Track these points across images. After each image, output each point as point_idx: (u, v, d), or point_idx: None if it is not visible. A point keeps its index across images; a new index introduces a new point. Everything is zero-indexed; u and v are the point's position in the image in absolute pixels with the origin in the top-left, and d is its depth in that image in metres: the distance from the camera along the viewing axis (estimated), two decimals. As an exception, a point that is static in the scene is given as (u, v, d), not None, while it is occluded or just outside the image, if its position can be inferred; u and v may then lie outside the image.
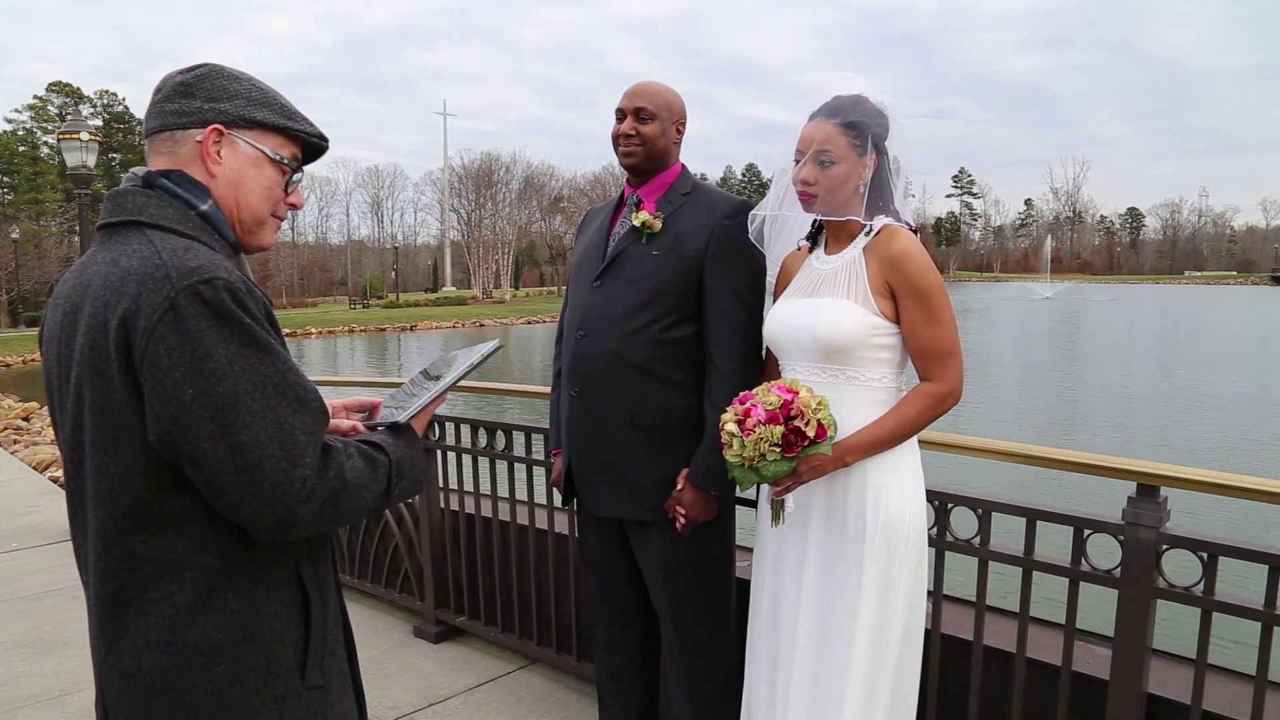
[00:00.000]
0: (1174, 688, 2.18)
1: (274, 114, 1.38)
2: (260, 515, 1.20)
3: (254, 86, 1.38)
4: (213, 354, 1.17)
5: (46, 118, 65.41)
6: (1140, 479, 2.07)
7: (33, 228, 54.08)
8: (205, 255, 1.23)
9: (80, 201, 8.43)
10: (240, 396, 1.18)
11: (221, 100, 1.34)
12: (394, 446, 1.40)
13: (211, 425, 1.16)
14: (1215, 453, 13.07)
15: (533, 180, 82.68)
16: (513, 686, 3.58)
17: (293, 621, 1.33)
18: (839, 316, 2.01)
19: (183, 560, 1.23)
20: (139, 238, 1.25)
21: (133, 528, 1.23)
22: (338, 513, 1.26)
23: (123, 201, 1.30)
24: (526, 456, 3.48)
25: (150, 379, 1.17)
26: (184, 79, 1.35)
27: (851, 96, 2.05)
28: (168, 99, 1.34)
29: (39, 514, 6.54)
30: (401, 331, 49.13)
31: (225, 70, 1.37)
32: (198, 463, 1.18)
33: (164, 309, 1.16)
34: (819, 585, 2.07)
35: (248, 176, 1.37)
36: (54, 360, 1.31)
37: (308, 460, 1.22)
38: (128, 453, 1.21)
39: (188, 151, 1.33)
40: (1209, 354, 27.53)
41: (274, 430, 1.19)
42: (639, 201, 2.46)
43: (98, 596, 1.27)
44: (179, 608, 1.23)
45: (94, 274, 1.25)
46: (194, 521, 1.24)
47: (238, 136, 1.35)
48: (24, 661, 3.94)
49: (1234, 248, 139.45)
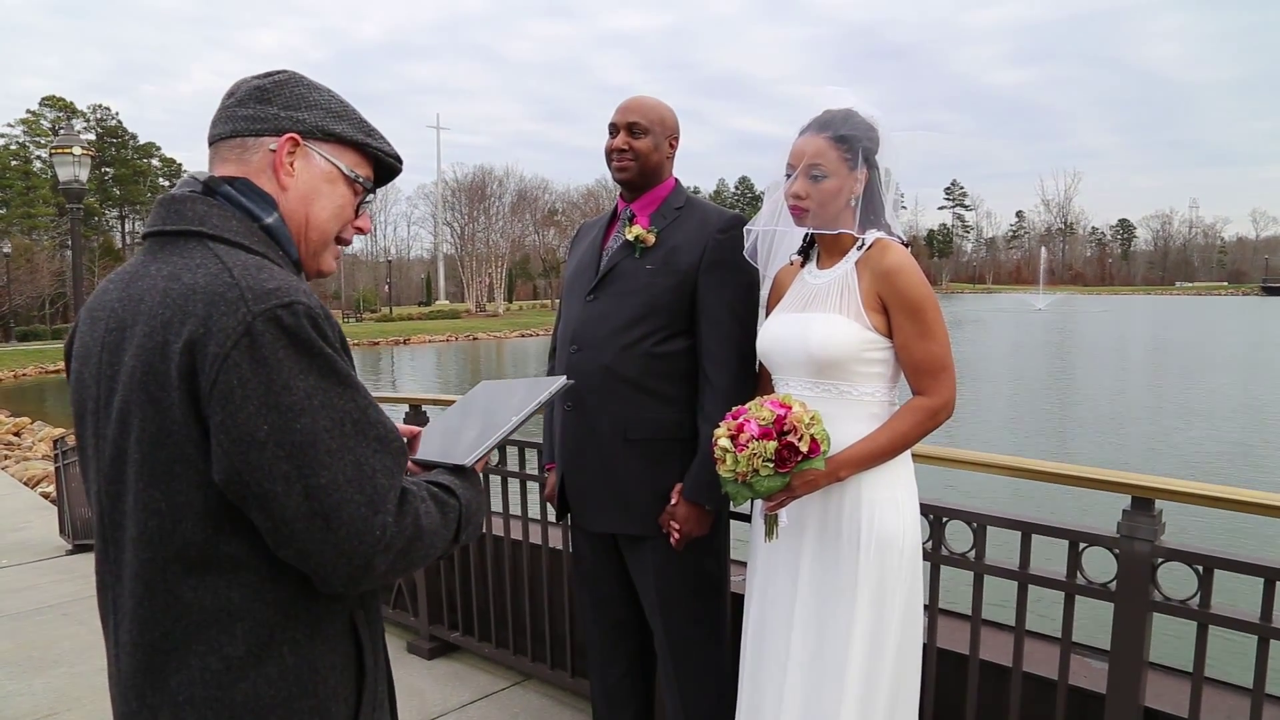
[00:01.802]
0: (1171, 701, 2.17)
1: (353, 128, 1.30)
2: (334, 565, 1.09)
3: (333, 98, 1.30)
4: (291, 386, 1.06)
5: (39, 132, 65.31)
6: (1135, 492, 2.07)
7: (25, 242, 53.92)
8: (281, 275, 1.12)
9: (73, 216, 8.43)
10: (319, 435, 1.07)
11: (300, 109, 1.25)
12: (463, 490, 1.29)
13: (287, 466, 1.05)
14: (1208, 458, 13.12)
15: (526, 193, 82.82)
16: (507, 703, 3.56)
17: (347, 675, 1.22)
18: (831, 331, 2.01)
19: (236, 610, 1.12)
20: (202, 251, 1.14)
21: (182, 572, 1.11)
22: (409, 563, 1.16)
23: (181, 209, 1.18)
24: (520, 471, 3.47)
25: (220, 412, 1.05)
26: (261, 83, 1.25)
27: (841, 110, 2.05)
28: (241, 103, 1.24)
29: (29, 530, 6.50)
30: (395, 345, 49.10)
31: (304, 79, 1.29)
32: (268, 506, 1.07)
33: (239, 334, 1.05)
34: (813, 600, 2.06)
35: (321, 192, 1.28)
36: (91, 380, 1.19)
37: (389, 506, 1.11)
38: (182, 490, 1.10)
39: (259, 160, 1.23)
40: (1201, 364, 27.61)
41: (354, 473, 1.09)
42: (632, 216, 2.46)
43: (134, 644, 1.14)
44: (229, 661, 1.12)
45: (148, 288, 1.13)
46: (251, 568, 1.12)
47: (313, 149, 1.26)
48: (12, 680, 3.91)
49: (1225, 259, 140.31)
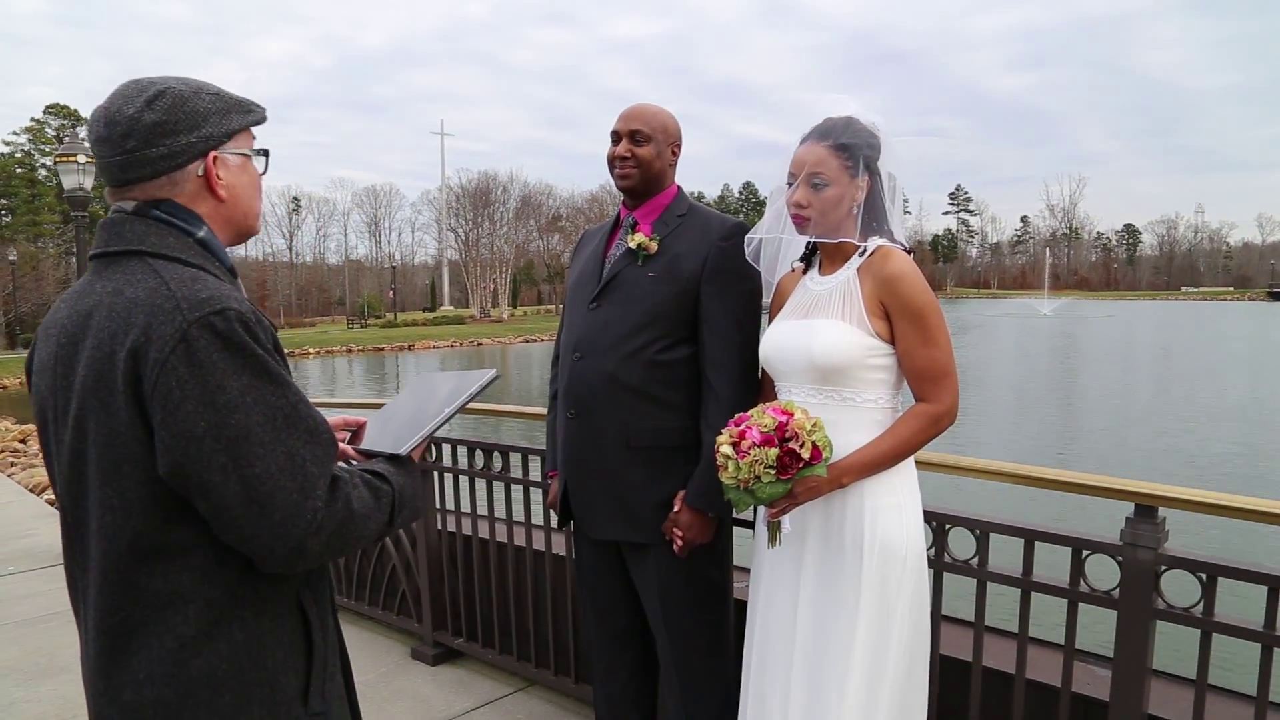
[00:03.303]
0: (1174, 709, 2.17)
1: (240, 117, 1.36)
2: (270, 547, 1.19)
3: (209, 93, 1.32)
4: (225, 386, 1.16)
5: (44, 140, 65.61)
6: (1138, 499, 2.06)
7: (30, 249, 54.16)
8: (214, 285, 1.22)
9: (78, 224, 8.46)
10: (253, 429, 1.17)
11: (202, 125, 1.30)
12: (396, 476, 1.39)
13: (224, 458, 1.15)
14: (1213, 461, 13.08)
15: (530, 199, 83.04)
16: (511, 709, 3.56)
17: (295, 649, 1.32)
18: (833, 338, 2.02)
19: (187, 592, 1.22)
20: (142, 267, 1.23)
21: (136, 560, 1.21)
22: (344, 543, 1.26)
23: (121, 230, 1.27)
24: (523, 478, 3.47)
25: (161, 411, 1.15)
26: (155, 119, 1.25)
27: (842, 118, 2.06)
28: (147, 143, 1.25)
29: (36, 537, 6.51)
30: (399, 351, 49.20)
31: (182, 91, 1.29)
32: (209, 495, 1.17)
33: (176, 341, 1.15)
34: (815, 607, 2.05)
35: (243, 183, 1.37)
36: (48, 392, 1.28)
37: (319, 492, 1.21)
38: (131, 485, 1.19)
39: (192, 188, 1.31)
40: (1207, 367, 27.53)
41: (286, 462, 1.19)
42: (635, 223, 2.47)
43: (98, 629, 1.24)
44: (183, 640, 1.22)
45: (94, 304, 1.23)
46: (198, 553, 1.22)
47: (225, 152, 1.34)
48: (19, 687, 3.91)
49: (1230, 264, 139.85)
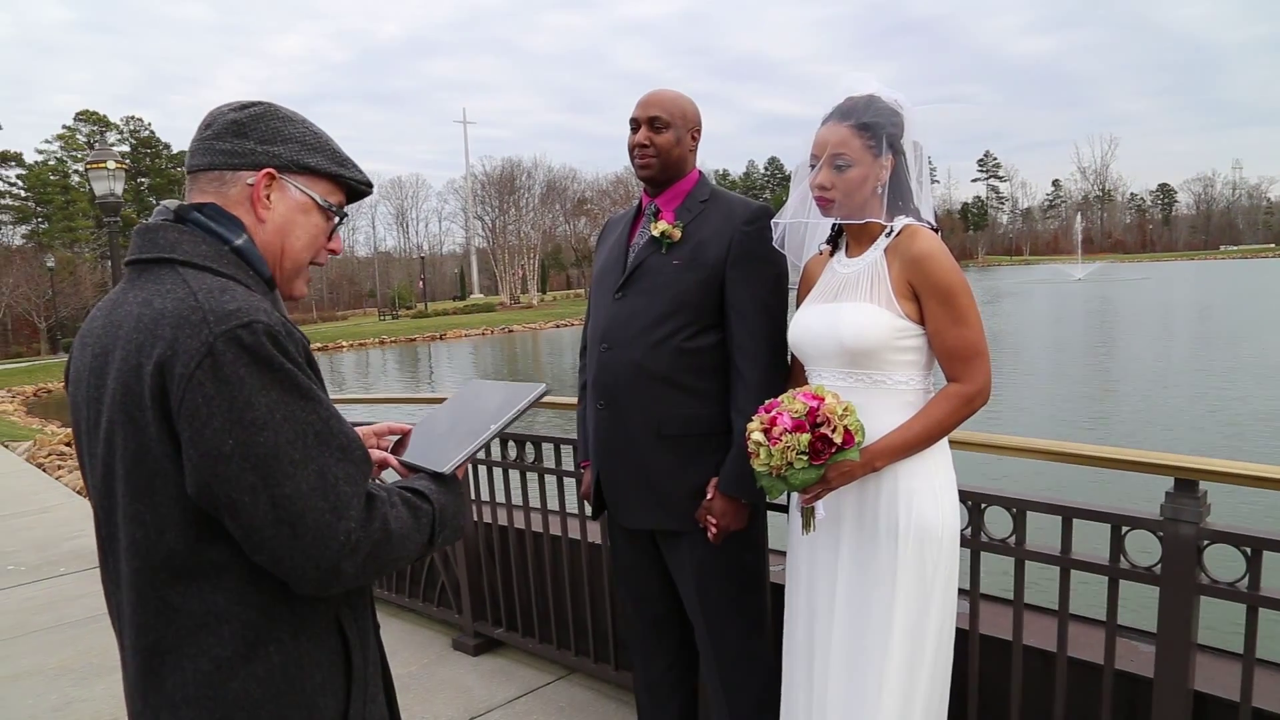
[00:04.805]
0: (1221, 684, 2.13)
1: (327, 160, 1.35)
2: (303, 569, 1.15)
3: (308, 130, 1.34)
4: (253, 403, 1.12)
5: (75, 146, 66.63)
6: (1178, 474, 2.02)
7: (67, 255, 55.14)
8: (243, 296, 1.18)
9: (110, 229, 8.60)
10: (282, 447, 1.13)
11: (276, 143, 1.30)
12: (438, 494, 1.35)
13: (252, 477, 1.12)
14: (1256, 428, 12.84)
15: (555, 184, 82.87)
16: (552, 697, 3.59)
17: (334, 671, 1.29)
18: (862, 320, 1.99)
19: (221, 613, 1.19)
20: (172, 277, 1.21)
21: (169, 579, 1.18)
22: (380, 565, 1.23)
23: (154, 237, 1.25)
24: (557, 468, 3.49)
25: (188, 429, 1.12)
26: (237, 117, 1.30)
27: (864, 97, 2.03)
28: (219, 137, 1.29)
29: (85, 538, 6.65)
30: (431, 341, 49.53)
31: (280, 111, 1.33)
32: (238, 515, 1.13)
33: (202, 355, 1.11)
34: (853, 591, 2.05)
35: (296, 223, 1.33)
36: (83, 403, 1.27)
37: (352, 513, 1.17)
38: (163, 502, 1.16)
39: (236, 194, 1.29)
40: (1246, 328, 26.98)
41: (317, 481, 1.15)
42: (657, 211, 2.46)
43: (134, 649, 1.23)
44: (218, 661, 1.19)
45: (125, 314, 1.21)
46: (232, 573, 1.19)
47: (289, 182, 1.31)
48: (75, 687, 4.02)
49: (1271, 219, 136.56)
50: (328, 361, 39.39)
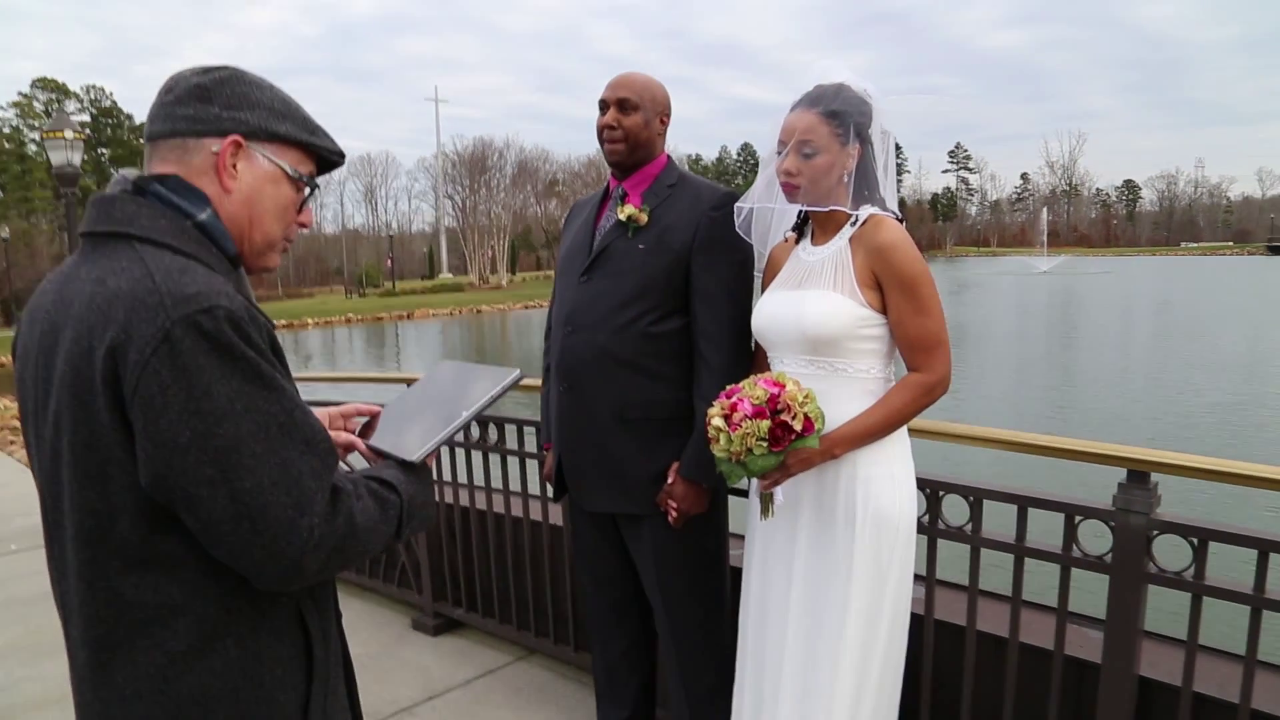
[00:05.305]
0: (1165, 669, 2.18)
1: (297, 128, 1.27)
2: (263, 566, 1.10)
3: (276, 96, 1.27)
4: (212, 392, 1.05)
5: (32, 114, 64.85)
6: (1131, 465, 2.06)
7: (23, 226, 53.86)
8: (204, 278, 1.10)
9: (67, 200, 8.41)
10: (243, 439, 1.07)
11: (242, 109, 1.22)
12: (406, 484, 1.29)
13: (211, 470, 1.05)
14: (1207, 419, 13.13)
15: (526, 165, 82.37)
16: (511, 678, 3.60)
17: (295, 664, 1.23)
18: (825, 309, 2.00)
19: (176, 605, 1.13)
20: (129, 253, 1.13)
21: (121, 570, 1.12)
22: (345, 559, 1.17)
23: (110, 209, 1.16)
24: (519, 450, 3.48)
25: (142, 418, 1.05)
26: (202, 81, 1.21)
27: (833, 85, 2.03)
28: (181, 101, 1.20)
29: (37, 515, 6.51)
30: (399, 320, 49.10)
31: (246, 76, 1.25)
32: (195, 509, 1.07)
33: (158, 341, 1.04)
34: (810, 576, 2.07)
35: (264, 194, 1.25)
36: (30, 382, 1.19)
37: (316, 508, 1.11)
38: (116, 491, 1.10)
39: (200, 162, 1.21)
40: (1202, 324, 27.52)
41: (279, 476, 1.09)
42: (624, 194, 2.44)
43: (82, 640, 1.17)
44: (172, 655, 1.13)
45: (77, 291, 1.13)
46: (189, 565, 1.13)
47: (256, 150, 1.24)
48: (23, 666, 3.95)
49: (1230, 218, 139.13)
50: (293, 339, 38.90)
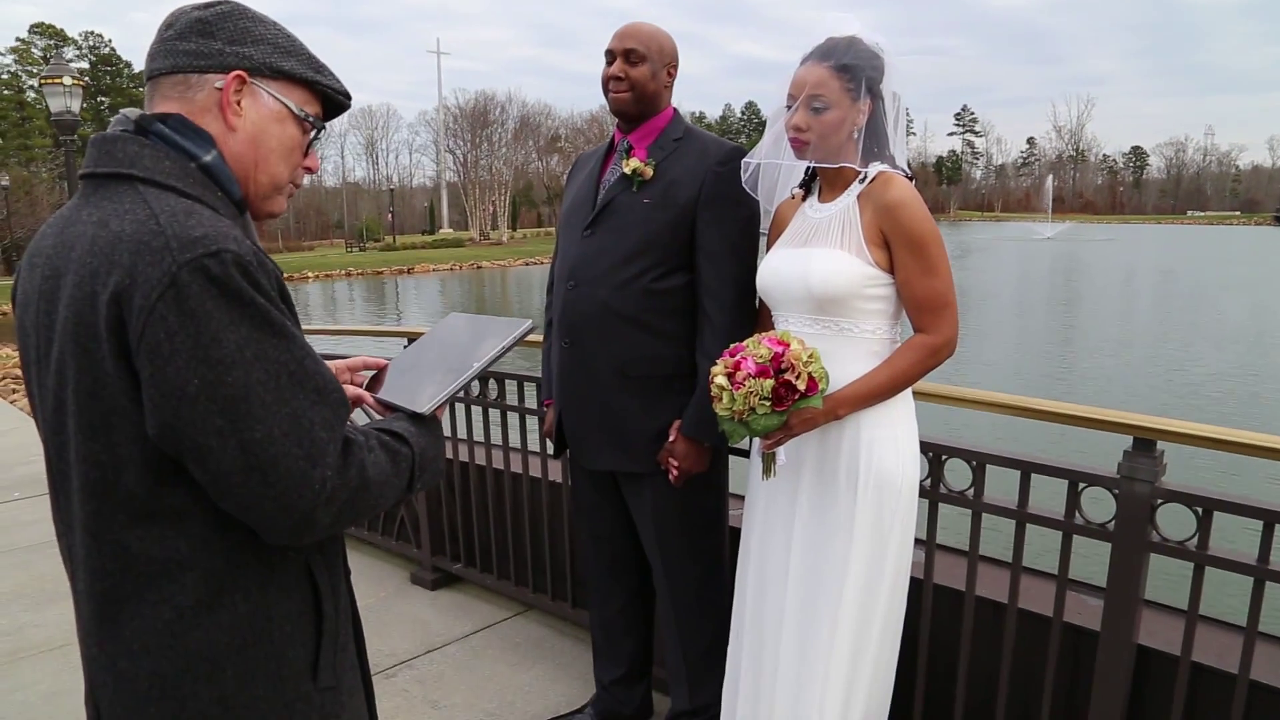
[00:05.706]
0: (1164, 639, 2.18)
1: (302, 65, 1.22)
2: (274, 519, 1.07)
3: (280, 32, 1.22)
4: (221, 339, 1.02)
5: (31, 61, 64.00)
6: (1136, 433, 2.04)
7: (23, 174, 53.39)
8: (210, 221, 1.07)
9: (66, 148, 8.32)
10: (252, 388, 1.03)
11: (246, 43, 1.18)
12: (417, 437, 1.26)
13: (220, 420, 1.02)
14: (1213, 389, 13.12)
15: (529, 120, 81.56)
16: (508, 633, 3.62)
17: (304, 620, 1.21)
18: (832, 267, 1.97)
19: (184, 560, 1.11)
20: (131, 195, 1.09)
21: (127, 523, 1.10)
22: (357, 513, 1.15)
23: (112, 150, 1.12)
24: (520, 405, 3.46)
25: (149, 366, 1.02)
26: (203, 15, 1.17)
27: (845, 38, 1.97)
28: (182, 36, 1.16)
29: (39, 463, 6.53)
30: (399, 274, 48.92)
31: (249, 10, 1.20)
32: (203, 460, 1.04)
33: (164, 286, 1.01)
34: (810, 538, 2.06)
35: (270, 133, 1.21)
36: (32, 329, 1.16)
37: (328, 459, 1.08)
38: (121, 442, 1.07)
39: (204, 99, 1.16)
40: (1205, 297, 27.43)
41: (290, 426, 1.05)
42: (630, 148, 2.40)
43: (88, 594, 1.15)
44: (180, 610, 1.11)
45: (78, 235, 1.09)
46: (196, 518, 1.11)
47: (261, 87, 1.19)
48: (26, 612, 3.98)
49: (1239, 187, 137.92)
50: (292, 292, 38.61)
